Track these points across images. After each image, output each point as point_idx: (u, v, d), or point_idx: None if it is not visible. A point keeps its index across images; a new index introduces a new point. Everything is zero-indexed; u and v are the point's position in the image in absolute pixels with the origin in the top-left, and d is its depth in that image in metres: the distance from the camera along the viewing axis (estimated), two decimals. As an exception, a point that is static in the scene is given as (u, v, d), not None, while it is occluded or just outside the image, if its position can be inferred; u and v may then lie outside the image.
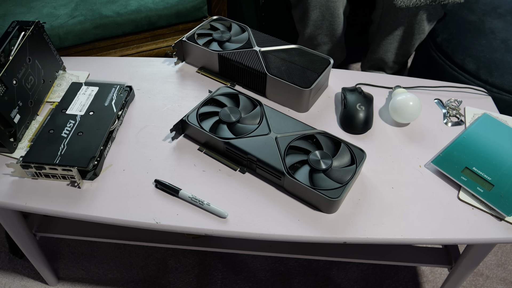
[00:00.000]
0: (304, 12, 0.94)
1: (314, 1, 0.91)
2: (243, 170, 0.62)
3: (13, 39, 0.66)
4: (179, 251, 0.98)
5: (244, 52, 0.75)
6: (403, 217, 0.57)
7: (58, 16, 0.95)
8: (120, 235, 0.76)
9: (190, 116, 0.65)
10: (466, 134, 0.67)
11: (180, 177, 0.61)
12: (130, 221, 0.56)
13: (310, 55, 0.75)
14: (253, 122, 0.66)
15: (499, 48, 0.93)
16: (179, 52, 0.80)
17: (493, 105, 0.75)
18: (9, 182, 0.60)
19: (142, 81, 0.77)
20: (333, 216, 0.57)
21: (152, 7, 1.01)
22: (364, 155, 0.61)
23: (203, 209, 0.57)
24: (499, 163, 0.62)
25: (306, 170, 0.59)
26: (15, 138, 0.63)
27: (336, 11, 0.93)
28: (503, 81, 0.88)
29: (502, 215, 0.57)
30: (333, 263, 0.96)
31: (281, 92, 0.72)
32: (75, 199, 0.58)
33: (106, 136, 0.63)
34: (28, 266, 0.94)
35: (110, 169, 0.62)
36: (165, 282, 0.93)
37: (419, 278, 0.94)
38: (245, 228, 0.55)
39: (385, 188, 0.61)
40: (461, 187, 0.61)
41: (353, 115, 0.69)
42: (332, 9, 0.92)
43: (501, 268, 0.96)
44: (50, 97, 0.73)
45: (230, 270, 0.95)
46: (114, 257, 0.97)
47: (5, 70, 0.61)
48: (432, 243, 0.56)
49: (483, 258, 0.70)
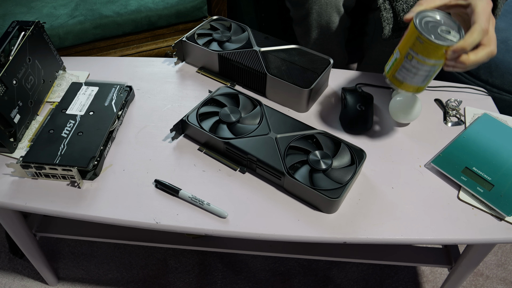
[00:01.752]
0: (306, 31, 0.95)
1: (315, 22, 0.91)
2: (243, 170, 0.62)
3: (13, 39, 0.66)
4: (179, 251, 0.98)
5: (244, 52, 0.75)
6: (403, 217, 0.57)
7: (58, 16, 0.95)
8: (120, 235, 0.76)
9: (190, 116, 0.65)
10: (466, 134, 0.67)
11: (180, 177, 0.61)
12: (130, 221, 0.56)
13: (310, 55, 0.75)
14: (253, 122, 0.66)
15: (499, 48, 0.92)
16: (179, 52, 0.80)
17: (493, 105, 0.76)
18: (9, 182, 0.60)
19: (142, 81, 0.77)
20: (333, 216, 0.57)
21: (152, 7, 1.01)
22: (364, 155, 0.61)
23: (203, 209, 0.57)
24: (499, 163, 0.62)
25: (306, 170, 0.59)
26: (15, 138, 0.63)
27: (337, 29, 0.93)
28: (503, 81, 0.88)
29: (502, 215, 0.57)
30: (333, 263, 0.96)
31: (281, 92, 0.72)
32: (75, 199, 0.58)
33: (106, 136, 0.63)
34: (28, 266, 0.94)
35: (110, 169, 0.62)
36: (165, 282, 0.93)
37: (419, 278, 0.94)
38: (245, 228, 0.55)
39: (385, 188, 0.61)
40: (461, 187, 0.61)
41: (353, 115, 0.69)
42: (333, 28, 0.93)
43: (501, 268, 0.96)
44: (50, 97, 0.73)
45: (230, 270, 0.95)
46: (114, 257, 0.97)
47: (5, 70, 0.61)
48: (432, 243, 0.56)
49: (483, 258, 0.70)
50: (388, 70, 0.57)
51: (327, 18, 0.90)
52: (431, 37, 0.51)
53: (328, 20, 0.91)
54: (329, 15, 0.90)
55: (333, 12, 0.90)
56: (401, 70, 0.56)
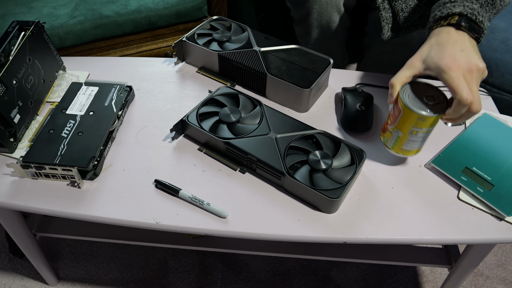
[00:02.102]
0: (306, 31, 0.95)
1: (315, 22, 0.91)
2: (243, 170, 0.62)
3: (13, 39, 0.66)
4: (179, 251, 0.98)
5: (244, 52, 0.75)
6: (403, 217, 0.57)
7: (58, 16, 0.95)
8: (120, 235, 0.76)
9: (190, 116, 0.65)
10: (466, 134, 0.67)
11: (180, 177, 0.61)
12: (130, 221, 0.56)
13: (310, 55, 0.75)
14: (253, 122, 0.66)
15: (499, 48, 0.92)
16: (179, 52, 0.80)
17: (493, 105, 0.75)
18: (9, 182, 0.60)
19: (142, 81, 0.77)
20: (333, 216, 0.57)
21: (152, 7, 1.01)
22: (364, 155, 0.61)
23: (203, 209, 0.57)
24: (499, 163, 0.62)
25: (306, 170, 0.59)
26: (15, 138, 0.63)
27: (337, 29, 0.93)
28: (503, 81, 0.88)
29: (502, 215, 0.57)
30: (333, 263, 0.96)
31: (281, 92, 0.72)
32: (75, 199, 0.58)
33: (106, 136, 0.63)
34: (28, 266, 0.94)
35: (110, 169, 0.62)
36: (165, 282, 0.93)
37: (419, 278, 0.94)
38: (245, 228, 0.55)
39: (385, 188, 0.61)
40: (461, 187, 0.61)
41: (353, 115, 0.69)
42: (333, 28, 0.93)
43: (501, 268, 0.96)
44: (50, 97, 0.73)
45: (230, 270, 0.95)
46: (114, 257, 0.97)
47: (5, 70, 0.61)
48: (432, 243, 0.56)
49: (483, 258, 0.70)
50: (393, 145, 0.61)
51: (327, 18, 0.90)
52: (428, 112, 0.55)
53: (328, 20, 0.91)
54: (330, 14, 0.90)
55: (334, 11, 0.90)
56: (407, 143, 0.60)
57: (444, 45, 0.54)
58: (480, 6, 0.56)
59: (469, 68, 0.52)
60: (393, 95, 0.56)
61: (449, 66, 0.51)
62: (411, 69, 0.56)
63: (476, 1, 0.55)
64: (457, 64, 0.51)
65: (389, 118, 0.60)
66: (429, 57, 0.54)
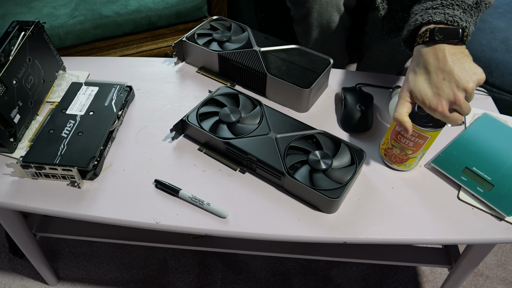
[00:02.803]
0: (306, 31, 0.95)
1: (316, 22, 0.91)
2: (243, 170, 0.62)
3: (13, 39, 0.66)
4: (179, 251, 0.98)
5: (244, 52, 0.75)
6: (403, 217, 0.57)
7: (58, 16, 0.95)
8: (120, 235, 0.76)
9: (190, 116, 0.65)
10: (466, 134, 0.67)
11: (180, 177, 0.61)
12: (130, 221, 0.56)
13: (310, 55, 0.75)
14: (253, 122, 0.66)
15: (499, 48, 0.92)
16: (179, 52, 0.80)
17: (493, 105, 0.75)
18: (9, 182, 0.60)
19: (142, 81, 0.77)
20: (333, 216, 0.57)
21: (152, 7, 1.01)
22: (364, 155, 0.61)
23: (203, 209, 0.57)
24: (499, 163, 0.62)
25: (306, 170, 0.59)
26: (15, 138, 0.63)
27: (338, 28, 0.93)
28: (503, 81, 0.88)
29: (502, 215, 0.57)
30: (333, 263, 0.96)
31: (281, 92, 0.72)
32: (75, 199, 0.58)
33: (106, 136, 0.63)
34: (28, 266, 0.94)
35: (110, 169, 0.62)
36: (165, 282, 0.93)
37: (419, 278, 0.94)
38: (245, 228, 0.55)
39: (385, 188, 0.61)
40: (461, 187, 0.61)
41: (353, 115, 0.69)
42: (334, 28, 0.93)
43: (501, 268, 0.96)
44: (50, 97, 0.73)
45: (230, 270, 0.95)
46: (114, 257, 0.97)
47: (5, 70, 0.61)
48: (432, 243, 0.56)
49: (483, 258, 0.70)
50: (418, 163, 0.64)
51: (327, 17, 0.90)
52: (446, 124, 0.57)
53: (328, 20, 0.91)
54: (330, 14, 0.90)
55: (334, 11, 0.90)
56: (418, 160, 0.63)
57: (427, 74, 0.53)
58: (463, 11, 0.54)
59: (455, 101, 0.51)
60: (409, 127, 0.55)
61: (434, 107, 0.52)
62: (405, 102, 0.55)
63: (458, 7, 0.54)
64: (441, 103, 0.51)
65: (408, 150, 0.60)
66: (415, 91, 0.53)
